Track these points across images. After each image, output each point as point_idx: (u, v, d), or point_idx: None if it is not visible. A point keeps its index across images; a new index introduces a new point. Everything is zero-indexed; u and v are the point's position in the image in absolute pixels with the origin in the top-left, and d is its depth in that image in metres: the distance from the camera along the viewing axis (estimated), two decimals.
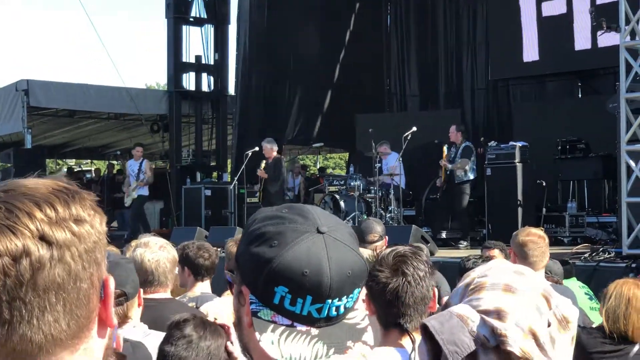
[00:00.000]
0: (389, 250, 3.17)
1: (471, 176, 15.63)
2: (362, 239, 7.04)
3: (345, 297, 1.58)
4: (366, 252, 3.88)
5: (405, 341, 2.98)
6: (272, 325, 1.56)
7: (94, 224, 1.23)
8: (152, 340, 3.82)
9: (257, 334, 1.57)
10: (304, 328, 1.56)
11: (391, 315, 3.05)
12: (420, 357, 1.62)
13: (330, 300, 1.56)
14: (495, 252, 7.09)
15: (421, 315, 3.03)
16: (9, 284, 1.15)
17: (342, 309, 1.58)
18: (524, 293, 1.60)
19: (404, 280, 3.03)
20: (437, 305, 3.11)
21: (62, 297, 1.19)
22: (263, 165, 16.72)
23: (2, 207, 1.18)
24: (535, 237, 5.78)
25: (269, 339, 1.55)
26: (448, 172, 15.53)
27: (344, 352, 1.57)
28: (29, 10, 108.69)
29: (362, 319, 1.63)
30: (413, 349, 2.93)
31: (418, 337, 2.92)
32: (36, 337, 1.17)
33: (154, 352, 3.64)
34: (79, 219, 1.21)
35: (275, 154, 16.92)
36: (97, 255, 1.24)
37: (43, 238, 1.17)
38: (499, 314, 1.55)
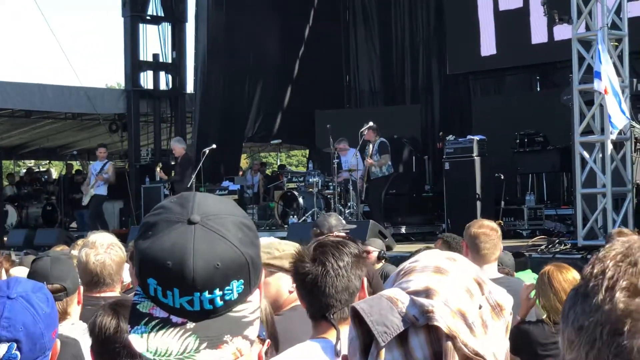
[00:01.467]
0: (315, 242, 3.17)
1: (386, 172, 15.71)
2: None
3: (217, 289, 1.51)
4: (292, 245, 3.86)
5: (331, 333, 2.97)
6: (147, 318, 1.52)
7: None
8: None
9: (127, 326, 1.53)
10: (179, 321, 1.52)
11: (314, 306, 3.04)
12: (351, 344, 1.59)
13: (199, 293, 1.50)
14: (439, 243, 7.13)
15: (346, 306, 3.00)
16: None
17: (218, 302, 1.52)
18: (455, 275, 1.59)
19: (322, 269, 3.02)
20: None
21: None
22: (159, 167, 17.65)
23: None
24: (487, 230, 5.76)
25: (138, 332, 1.51)
26: (373, 170, 15.56)
27: (219, 347, 1.52)
28: None
29: (251, 312, 1.58)
30: (337, 338, 2.90)
31: (343, 327, 2.92)
32: None
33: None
34: None
35: (183, 152, 17.59)
36: None
37: None
38: (427, 293, 1.55)
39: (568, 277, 4.86)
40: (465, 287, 1.58)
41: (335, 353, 2.84)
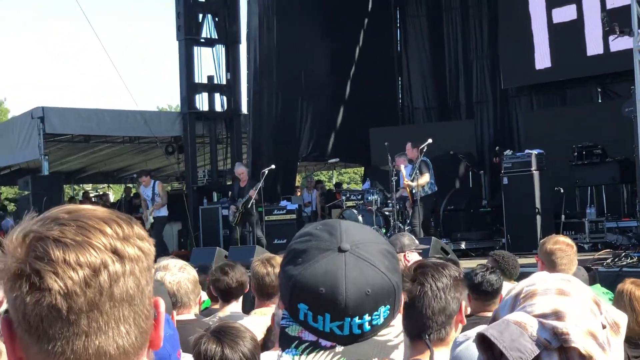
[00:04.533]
0: (417, 262, 3.20)
1: (429, 191, 15.51)
2: None
3: (367, 315, 1.57)
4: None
5: (427, 353, 2.99)
6: (297, 341, 1.59)
7: (151, 243, 1.33)
8: None
9: (279, 350, 1.60)
10: (328, 344, 1.58)
11: (412, 326, 3.05)
12: None
13: (349, 318, 1.56)
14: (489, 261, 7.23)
15: (443, 327, 3.03)
16: (89, 295, 1.23)
17: (367, 326, 1.58)
18: (578, 296, 1.61)
19: (421, 290, 3.04)
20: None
21: (133, 310, 1.27)
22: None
23: (72, 224, 1.26)
24: (563, 245, 5.75)
25: (290, 356, 1.58)
26: (414, 191, 15.32)
27: None
28: (40, 36, 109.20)
29: (395, 336, 1.63)
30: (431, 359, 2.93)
31: (439, 350, 2.94)
32: (110, 349, 1.24)
33: None
34: (141, 237, 1.31)
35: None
36: (152, 273, 1.33)
37: (116, 252, 1.26)
38: (557, 315, 1.57)
39: None
40: (588, 307, 1.61)
41: None
